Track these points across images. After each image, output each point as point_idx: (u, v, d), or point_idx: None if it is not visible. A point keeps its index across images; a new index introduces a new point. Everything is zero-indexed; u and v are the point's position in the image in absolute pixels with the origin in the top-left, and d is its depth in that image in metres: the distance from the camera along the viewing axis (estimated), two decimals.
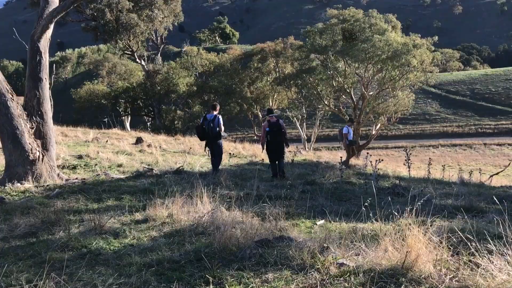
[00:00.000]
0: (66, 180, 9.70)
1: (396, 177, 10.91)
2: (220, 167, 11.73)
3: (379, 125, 46.23)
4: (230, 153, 15.85)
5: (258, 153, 16.80)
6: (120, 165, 12.17)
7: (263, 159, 14.52)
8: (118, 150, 15.30)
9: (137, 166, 11.67)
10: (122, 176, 10.33)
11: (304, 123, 53.94)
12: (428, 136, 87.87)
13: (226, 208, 6.08)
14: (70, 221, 6.17)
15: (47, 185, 9.02)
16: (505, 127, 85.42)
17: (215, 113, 11.61)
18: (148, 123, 48.04)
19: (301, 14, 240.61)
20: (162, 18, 39.91)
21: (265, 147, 11.60)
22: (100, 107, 46.12)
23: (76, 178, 9.74)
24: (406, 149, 8.78)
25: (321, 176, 10.74)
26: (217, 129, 11.34)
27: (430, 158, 11.66)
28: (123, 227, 5.90)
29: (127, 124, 48.35)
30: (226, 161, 13.85)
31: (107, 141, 18.33)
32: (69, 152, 14.07)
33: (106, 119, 43.60)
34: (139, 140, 18.54)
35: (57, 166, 10.64)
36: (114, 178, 10.03)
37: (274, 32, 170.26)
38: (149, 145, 17.26)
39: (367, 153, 13.66)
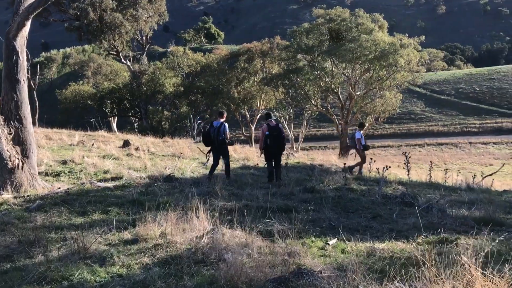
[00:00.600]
0: (49, 189, 9.01)
1: (398, 182, 10.38)
2: (215, 172, 11.34)
3: (366, 125, 46.11)
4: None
5: (250, 156, 16.25)
6: (106, 172, 11.43)
7: (257, 164, 13.99)
8: (104, 154, 14.52)
9: (125, 173, 10.96)
10: (109, 185, 9.68)
11: (292, 123, 53.63)
12: (414, 135, 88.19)
13: (227, 227, 5.46)
14: (51, 240, 5.56)
15: (28, 196, 8.36)
16: (489, 126, 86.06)
17: (221, 120, 11.71)
18: (135, 124, 47.32)
19: (286, 14, 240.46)
20: (147, 17, 39.15)
21: (263, 151, 11.52)
22: (86, 108, 45.60)
23: (59, 188, 8.98)
24: (406, 153, 8.35)
25: (319, 181, 10.23)
26: (223, 136, 11.45)
27: (431, 162, 11.30)
28: (110, 250, 5.20)
29: (114, 125, 47.64)
30: (218, 166, 13.28)
31: (93, 144, 17.53)
32: (53, 157, 13.29)
33: (92, 120, 42.89)
34: (126, 143, 17.79)
35: (39, 173, 10.01)
36: (100, 187, 9.41)
37: (259, 32, 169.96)
38: (136, 149, 16.52)
39: (371, 158, 13.16)
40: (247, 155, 16.54)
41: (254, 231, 5.36)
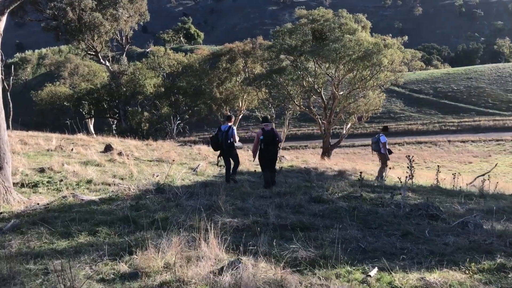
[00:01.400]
0: (26, 204, 7.95)
1: (408, 188, 9.64)
2: (208, 178, 10.58)
3: (349, 124, 45.90)
4: (210, 162, 14.38)
5: (241, 160, 15.41)
6: (90, 181, 10.36)
7: (253, 169, 13.20)
8: (86, 161, 13.40)
9: (110, 182, 9.95)
10: (94, 198, 8.67)
11: (273, 123, 53.02)
12: (393, 134, 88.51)
13: (246, 255, 4.60)
14: (30, 274, 4.54)
15: (1, 213, 7.38)
16: (467, 124, 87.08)
17: (229, 124, 11.78)
18: (113, 126, 46.10)
19: (265, 15, 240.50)
20: (127, 17, 37.97)
21: (257, 155, 11.41)
22: (62, 110, 44.24)
23: (38, 204, 7.89)
24: (409, 156, 7.69)
25: (323, 189, 9.49)
26: (231, 139, 11.49)
27: (438, 166, 10.70)
28: None
29: (91, 127, 46.41)
30: (209, 171, 12.41)
31: (72, 149, 16.33)
32: (29, 164, 12.06)
33: (68, 122, 41.68)
34: (108, 148, 16.69)
35: (14, 184, 8.94)
36: (84, 200, 8.42)
37: (238, 32, 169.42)
38: (119, 153, 15.43)
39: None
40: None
41: (281, 262, 4.47)
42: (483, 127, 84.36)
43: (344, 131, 46.35)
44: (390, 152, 14.83)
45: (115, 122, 46.20)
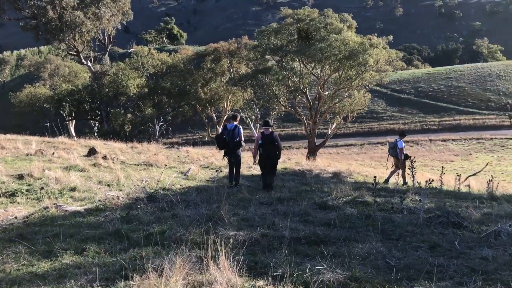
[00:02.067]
0: (1, 217, 7.09)
1: (415, 191, 9.07)
2: (201, 183, 9.90)
3: (334, 124, 45.71)
4: (201, 165, 13.68)
5: None
6: (73, 189, 9.43)
7: (252, 174, 12.56)
8: (68, 165, 12.47)
9: (96, 189, 9.12)
10: (79, 208, 7.82)
11: (258, 124, 52.58)
12: (376, 133, 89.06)
13: (269, 282, 3.94)
14: None
15: None
16: (448, 123, 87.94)
17: (235, 123, 11.71)
18: (95, 128, 45.05)
19: (248, 15, 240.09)
20: (110, 16, 36.99)
21: (257, 159, 11.33)
22: (42, 112, 43.03)
23: (15, 217, 7.03)
24: (411, 157, 7.16)
25: (325, 193, 8.90)
26: (237, 138, 11.41)
27: (443, 167, 10.23)
28: None
29: (72, 129, 45.29)
30: (201, 175, 11.73)
31: (53, 153, 15.40)
32: (6, 171, 11.21)
33: (48, 124, 40.58)
34: (92, 151, 15.81)
35: None
36: (68, 211, 7.59)
37: (221, 33, 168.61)
38: (104, 157, 14.58)
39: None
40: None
41: None
42: (463, 126, 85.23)
43: (329, 131, 46.13)
44: (408, 157, 14.37)
45: (97, 124, 45.17)
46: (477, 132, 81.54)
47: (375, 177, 6.99)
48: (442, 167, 10.44)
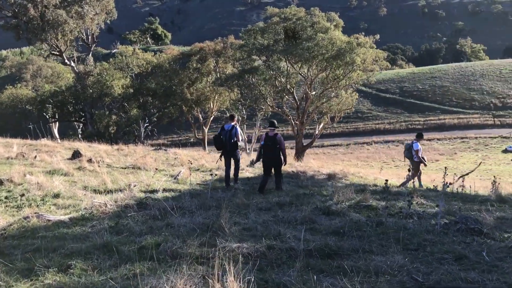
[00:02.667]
0: None
1: (419, 193, 8.68)
2: (193, 187, 9.44)
3: (322, 124, 45.55)
4: (191, 167, 13.19)
5: (223, 164, 14.27)
6: (57, 195, 8.71)
7: (248, 177, 12.15)
8: (51, 170, 11.84)
9: (81, 195, 8.52)
10: (63, 217, 7.13)
11: (245, 125, 52.27)
12: (362, 133, 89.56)
13: None
14: None
15: None
16: (433, 122, 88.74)
17: (232, 123, 11.66)
18: (79, 130, 44.22)
19: (233, 15, 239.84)
20: (94, 15, 36.19)
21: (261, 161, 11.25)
22: (24, 114, 42.09)
23: None
24: (425, 162, 6.80)
25: (326, 197, 8.50)
26: (234, 139, 11.39)
27: (445, 167, 10.03)
28: None
29: (55, 131, 44.42)
30: (192, 179, 11.25)
31: (35, 156, 14.74)
32: None
33: (31, 126, 39.73)
34: (76, 154, 15.19)
35: None
36: (51, 221, 6.93)
37: (206, 33, 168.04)
38: (89, 160, 14.01)
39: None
40: (220, 163, 14.43)
41: None
42: (448, 125, 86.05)
43: (317, 132, 45.97)
44: (424, 160, 13.97)
45: (81, 126, 44.36)
46: (461, 131, 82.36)
47: (386, 180, 6.59)
48: (445, 167, 10.20)
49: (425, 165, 14.23)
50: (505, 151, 69.23)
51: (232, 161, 11.74)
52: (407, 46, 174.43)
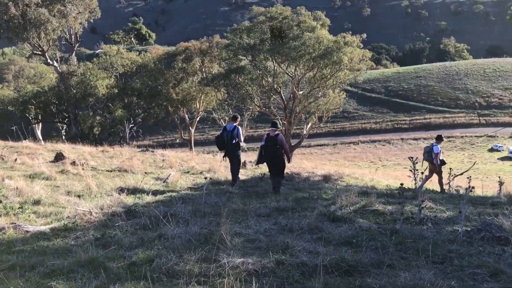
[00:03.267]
0: None
1: (427, 197, 8.15)
2: (183, 191, 8.87)
3: (310, 124, 45.34)
4: (181, 170, 12.61)
5: (215, 166, 13.73)
6: (37, 202, 7.94)
7: (242, 181, 11.68)
8: (32, 173, 11.15)
9: (64, 202, 7.84)
10: (43, 228, 6.39)
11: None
12: (348, 133, 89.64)
13: None
14: None
15: None
16: (419, 122, 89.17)
17: (235, 124, 11.65)
18: (63, 131, 43.26)
19: (217, 15, 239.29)
20: (77, 14, 35.30)
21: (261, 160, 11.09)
22: (6, 115, 41.17)
23: None
24: (412, 158, 6.36)
25: (325, 200, 8.00)
26: (236, 139, 11.38)
27: (451, 168, 9.56)
28: None
29: (38, 133, 43.42)
30: (182, 182, 10.66)
31: (16, 159, 13.98)
32: None
33: (13, 128, 38.72)
34: (59, 157, 14.46)
35: None
36: (30, 232, 6.25)
37: (190, 33, 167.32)
38: (73, 163, 13.31)
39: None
40: (211, 165, 13.88)
41: None
42: (433, 125, 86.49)
43: (305, 132, 45.74)
44: (444, 163, 13.45)
45: (65, 127, 43.40)
46: (447, 130, 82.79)
47: (401, 183, 6.04)
48: (450, 168, 9.75)
49: (441, 170, 13.63)
50: (491, 150, 69.75)
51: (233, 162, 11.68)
52: (391, 46, 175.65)
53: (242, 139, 11.76)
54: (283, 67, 40.08)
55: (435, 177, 13.55)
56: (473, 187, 6.49)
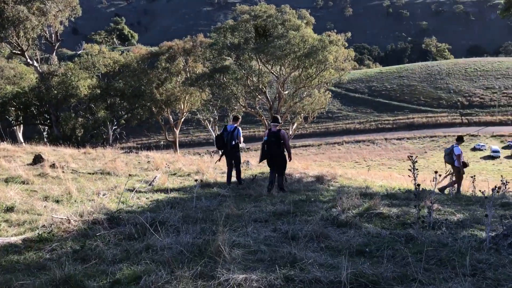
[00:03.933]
0: None
1: (432, 199, 7.64)
2: (171, 195, 8.26)
3: (295, 124, 45.06)
4: (167, 172, 12.01)
5: (203, 168, 13.15)
6: (10, 209, 7.22)
7: (236, 184, 11.15)
8: (7, 177, 10.40)
9: (40, 208, 7.15)
10: (14, 239, 5.71)
11: (216, 125, 51.20)
12: (332, 133, 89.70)
13: None
14: None
15: None
16: (402, 122, 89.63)
17: (235, 124, 11.59)
18: (45, 133, 42.14)
19: (200, 16, 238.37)
20: (57, 11, 34.28)
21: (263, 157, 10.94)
22: None
23: None
24: (412, 157, 5.96)
25: (324, 203, 7.50)
26: (236, 140, 11.37)
27: (451, 170, 9.26)
28: None
29: (20, 135, 42.20)
30: (169, 184, 10.06)
31: None
32: None
33: None
34: (38, 159, 13.71)
35: None
36: None
37: (173, 33, 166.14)
38: (52, 165, 12.62)
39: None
40: (199, 167, 13.28)
41: None
42: (417, 124, 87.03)
43: (291, 132, 45.42)
44: (466, 165, 12.96)
45: (46, 129, 42.26)
46: (430, 130, 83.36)
47: (418, 184, 5.54)
48: (451, 170, 9.41)
49: (463, 172, 13.17)
50: (474, 149, 70.32)
51: (233, 164, 11.61)
52: (374, 46, 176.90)
53: (242, 140, 11.67)
54: (268, 66, 39.74)
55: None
56: (499, 187, 6.04)
